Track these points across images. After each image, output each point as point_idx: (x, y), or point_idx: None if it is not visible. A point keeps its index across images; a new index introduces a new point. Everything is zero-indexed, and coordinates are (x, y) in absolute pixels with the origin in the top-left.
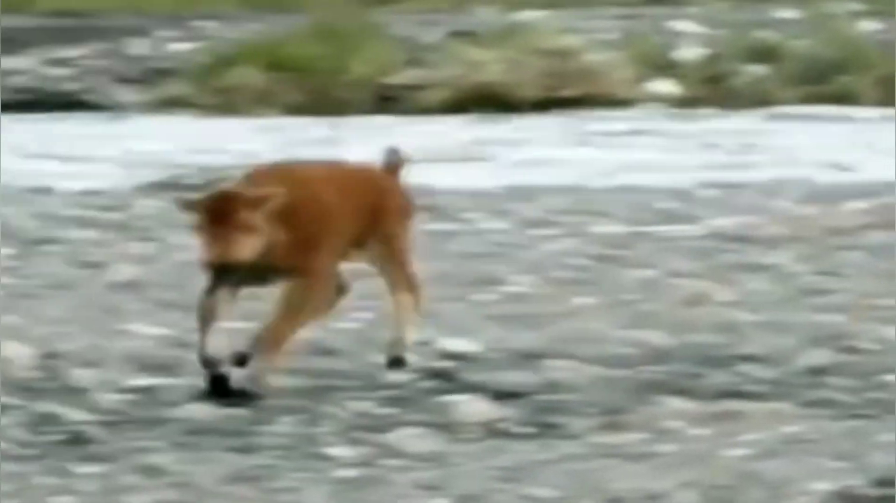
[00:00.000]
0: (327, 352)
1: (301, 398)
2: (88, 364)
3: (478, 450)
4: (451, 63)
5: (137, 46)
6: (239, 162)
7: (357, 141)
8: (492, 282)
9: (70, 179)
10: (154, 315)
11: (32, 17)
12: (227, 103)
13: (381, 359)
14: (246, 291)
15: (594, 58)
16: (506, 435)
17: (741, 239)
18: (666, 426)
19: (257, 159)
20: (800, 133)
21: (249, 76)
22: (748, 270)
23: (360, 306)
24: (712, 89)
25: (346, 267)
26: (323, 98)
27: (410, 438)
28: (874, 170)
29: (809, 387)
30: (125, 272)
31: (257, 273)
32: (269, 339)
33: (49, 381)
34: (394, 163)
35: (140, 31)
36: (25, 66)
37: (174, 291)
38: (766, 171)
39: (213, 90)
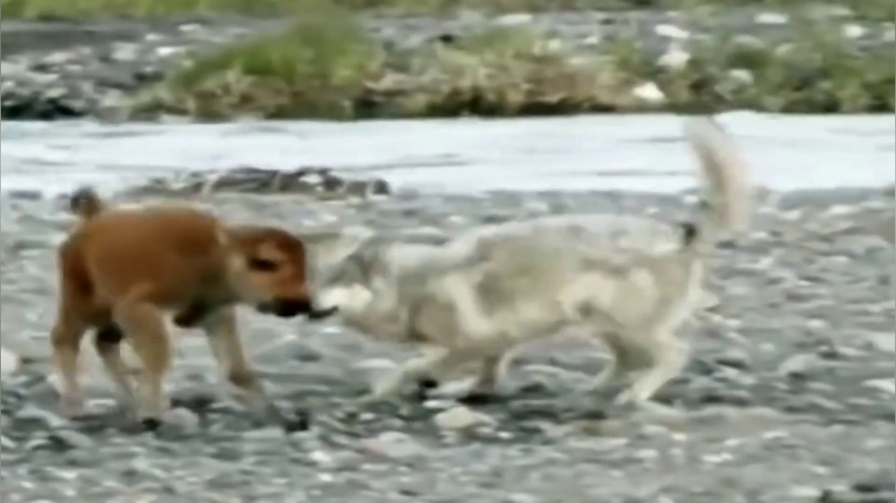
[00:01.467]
0: (311, 357)
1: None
2: None
3: (458, 454)
4: (434, 67)
5: (124, 51)
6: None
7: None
8: None
9: (54, 185)
10: None
11: (21, 22)
12: (209, 108)
13: (364, 364)
14: None
15: (578, 62)
16: (486, 439)
17: (725, 244)
18: (647, 431)
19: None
20: (782, 139)
21: (231, 80)
22: (732, 276)
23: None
24: (696, 95)
25: None
26: (305, 102)
27: (391, 443)
28: (856, 176)
29: (792, 393)
30: None
31: None
32: None
33: (31, 387)
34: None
35: (127, 36)
36: (12, 72)
37: None
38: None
39: (195, 95)
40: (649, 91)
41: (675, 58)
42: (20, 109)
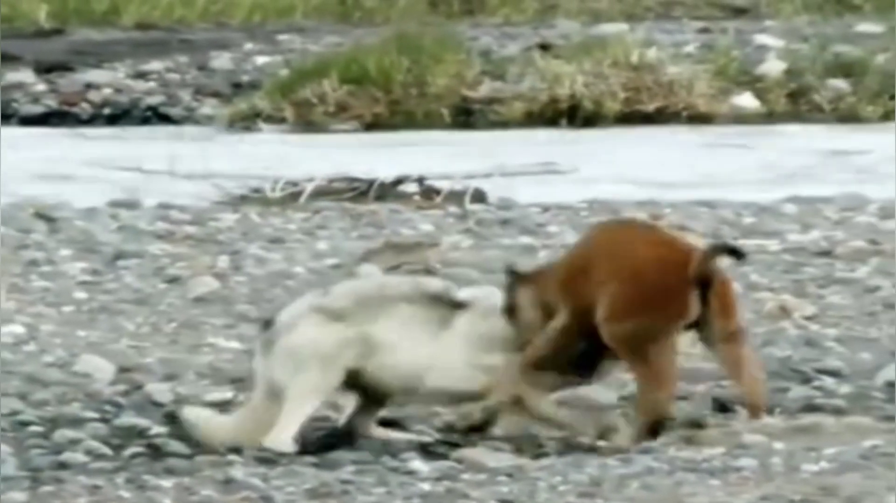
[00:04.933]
0: None
1: (383, 412)
2: (167, 378)
3: (557, 464)
4: (531, 76)
5: (221, 60)
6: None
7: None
8: None
9: (151, 193)
10: (233, 329)
11: (118, 31)
12: (307, 117)
13: None
14: None
15: (675, 71)
16: (584, 449)
17: (822, 253)
18: (745, 440)
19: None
20: (882, 148)
21: (328, 89)
22: (829, 285)
23: None
24: (794, 104)
25: None
26: (402, 111)
27: (490, 453)
28: None
29: (889, 402)
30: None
31: None
32: None
33: (129, 396)
34: None
35: (224, 45)
36: (110, 80)
37: (253, 305)
38: (848, 185)
39: (292, 104)
40: (747, 100)
41: (773, 67)
42: (118, 117)
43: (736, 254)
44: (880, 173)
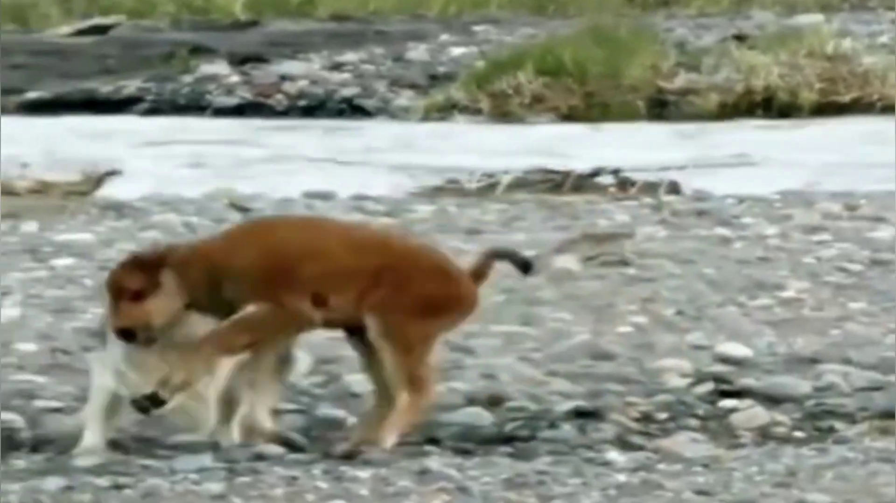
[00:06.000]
0: (605, 356)
1: (579, 402)
2: None
3: (753, 454)
4: (727, 67)
5: (417, 51)
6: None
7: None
8: (767, 287)
9: (348, 184)
10: None
11: (314, 22)
12: (503, 108)
13: (659, 363)
14: None
15: (870, 61)
16: (780, 439)
17: None
18: None
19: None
20: None
21: (524, 81)
22: None
23: (634, 310)
24: None
25: None
26: (597, 102)
27: (686, 443)
28: None
29: None
30: None
31: None
32: None
33: (326, 387)
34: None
35: (420, 36)
36: (305, 71)
37: None
38: None
39: (488, 95)
40: None
41: None
42: (313, 108)
43: (522, 265)
44: None
